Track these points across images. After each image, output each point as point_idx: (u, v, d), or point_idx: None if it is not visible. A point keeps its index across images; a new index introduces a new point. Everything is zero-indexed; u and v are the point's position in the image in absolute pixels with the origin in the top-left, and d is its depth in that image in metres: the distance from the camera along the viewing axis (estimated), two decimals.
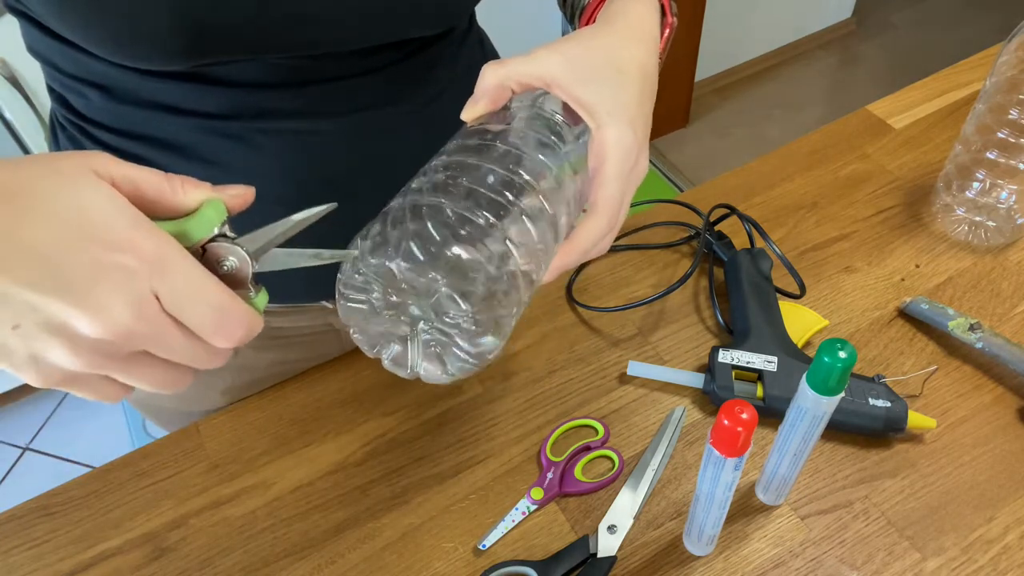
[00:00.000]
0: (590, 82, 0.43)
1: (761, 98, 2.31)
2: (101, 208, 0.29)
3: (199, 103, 0.50)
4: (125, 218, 0.29)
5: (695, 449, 0.62)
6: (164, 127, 0.51)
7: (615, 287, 0.74)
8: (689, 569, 0.56)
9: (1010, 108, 0.66)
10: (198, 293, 0.30)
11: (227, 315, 0.31)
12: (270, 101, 0.50)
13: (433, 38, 0.54)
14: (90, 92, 0.51)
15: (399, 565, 0.58)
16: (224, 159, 0.52)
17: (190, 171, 0.51)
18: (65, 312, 0.28)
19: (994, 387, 0.64)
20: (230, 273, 0.33)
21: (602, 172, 0.43)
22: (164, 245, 0.30)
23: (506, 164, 0.41)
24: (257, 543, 0.60)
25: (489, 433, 0.64)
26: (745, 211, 0.77)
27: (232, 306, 0.31)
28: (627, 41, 0.46)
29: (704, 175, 2.10)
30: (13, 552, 0.60)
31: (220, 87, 0.49)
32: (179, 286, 0.30)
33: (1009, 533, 0.56)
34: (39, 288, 0.28)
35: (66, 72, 0.51)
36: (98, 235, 0.28)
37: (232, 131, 0.51)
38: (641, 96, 0.45)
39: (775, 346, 0.64)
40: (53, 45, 0.49)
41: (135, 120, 0.51)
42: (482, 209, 0.37)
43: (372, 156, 0.55)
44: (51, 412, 1.75)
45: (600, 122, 0.43)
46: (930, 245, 0.75)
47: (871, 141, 0.85)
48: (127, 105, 0.51)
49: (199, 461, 0.65)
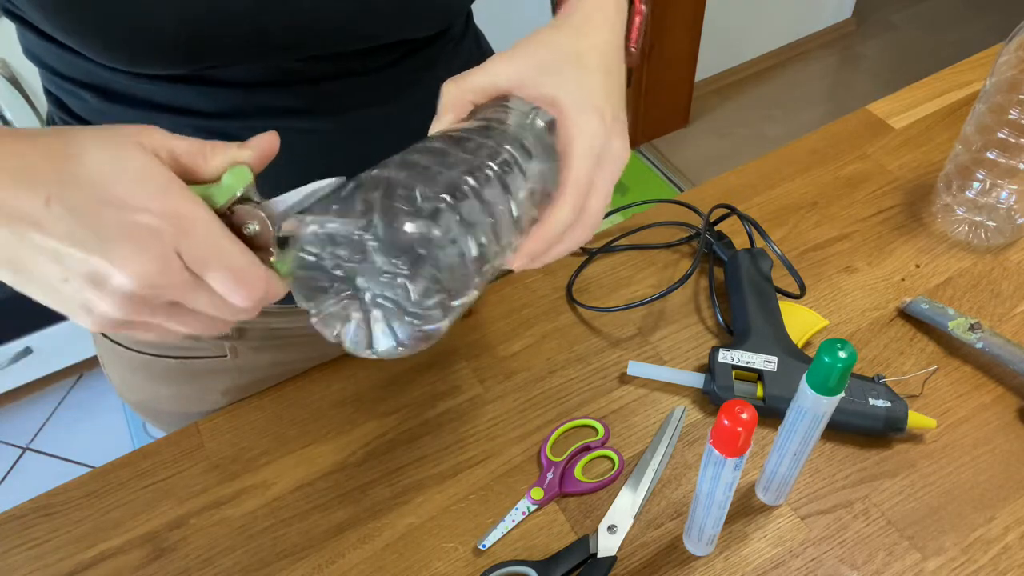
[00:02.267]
0: (550, 76, 0.43)
1: (761, 98, 2.31)
2: (135, 174, 0.32)
3: (196, 103, 0.50)
4: (155, 183, 0.32)
5: (695, 449, 0.62)
6: (161, 127, 0.51)
7: (615, 287, 0.74)
8: (689, 569, 0.56)
9: (1010, 108, 0.66)
10: (217, 253, 0.33)
11: (244, 276, 0.33)
12: (267, 100, 0.50)
13: (429, 38, 0.54)
14: (86, 94, 0.51)
15: (399, 565, 0.58)
16: None
17: None
18: (100, 266, 0.31)
19: (994, 387, 0.64)
20: (253, 236, 0.35)
21: (567, 155, 0.42)
22: (187, 207, 0.32)
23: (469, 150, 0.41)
24: (257, 543, 0.60)
25: (489, 433, 0.64)
26: (745, 211, 0.77)
27: (249, 268, 0.34)
28: (584, 31, 0.46)
29: (704, 175, 2.10)
30: (13, 552, 0.61)
31: (217, 87, 0.49)
32: (199, 246, 0.32)
33: (1009, 533, 0.56)
34: (79, 245, 0.31)
35: (62, 74, 0.51)
36: (128, 198, 0.32)
37: (229, 130, 0.51)
38: (606, 82, 0.44)
39: (775, 346, 0.64)
40: (48, 48, 0.49)
41: (132, 121, 0.51)
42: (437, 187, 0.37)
43: (370, 154, 0.55)
44: (51, 412, 1.75)
45: (563, 110, 0.42)
46: (930, 245, 0.75)
47: (871, 141, 0.85)
48: (123, 106, 0.51)
49: (199, 461, 0.65)
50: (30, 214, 0.31)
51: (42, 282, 0.33)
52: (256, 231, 0.35)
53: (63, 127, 0.36)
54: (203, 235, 0.33)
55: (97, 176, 0.32)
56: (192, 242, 0.32)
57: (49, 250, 0.32)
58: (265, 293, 0.34)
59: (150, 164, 0.33)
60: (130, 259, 0.31)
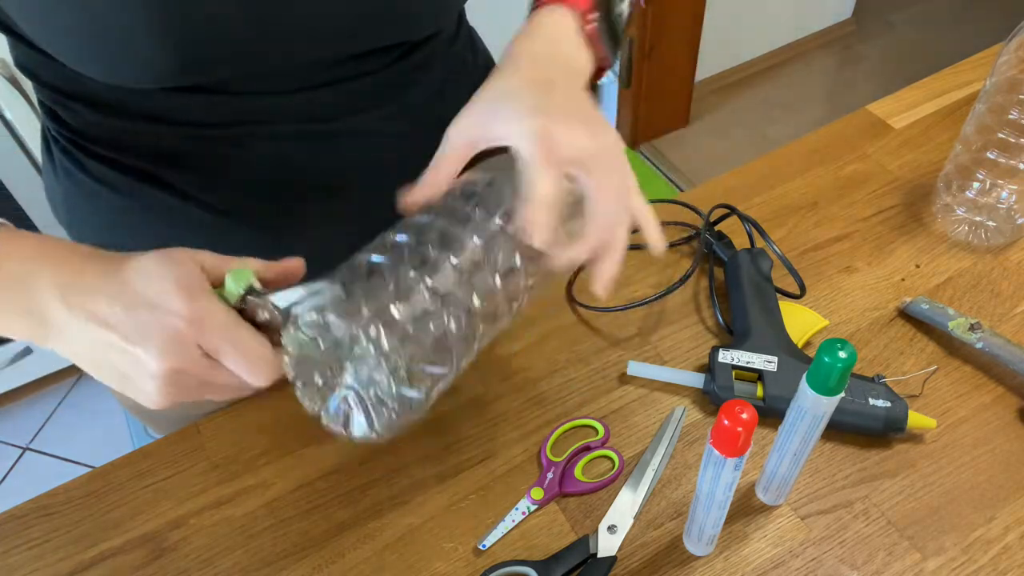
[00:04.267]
0: (495, 121, 0.45)
1: (761, 98, 2.31)
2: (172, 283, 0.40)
3: (190, 113, 0.50)
4: (182, 291, 0.40)
5: (695, 449, 0.62)
6: (156, 137, 0.51)
7: (615, 287, 0.74)
8: (689, 569, 0.56)
9: (1010, 108, 0.66)
10: (229, 343, 0.40)
11: (255, 361, 0.40)
12: (262, 107, 0.50)
13: (422, 40, 0.54)
14: (80, 107, 0.51)
15: (399, 565, 0.58)
16: (217, 164, 0.52)
17: (183, 177, 0.51)
18: (142, 357, 0.39)
19: (994, 387, 0.64)
20: (265, 322, 0.41)
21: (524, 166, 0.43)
22: (207, 308, 0.40)
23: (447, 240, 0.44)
24: (257, 543, 0.60)
25: (489, 433, 0.64)
26: (745, 211, 0.77)
27: (259, 354, 0.40)
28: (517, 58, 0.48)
29: (704, 175, 2.09)
30: (13, 552, 0.61)
31: (211, 96, 0.49)
32: (214, 339, 0.39)
33: (1009, 533, 0.56)
34: (127, 340, 0.39)
35: (55, 88, 0.51)
36: (164, 303, 0.39)
37: (224, 137, 0.51)
38: (534, 81, 0.45)
39: (775, 346, 0.64)
40: (41, 62, 0.49)
41: (126, 132, 0.51)
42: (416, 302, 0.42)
43: (365, 156, 0.55)
44: (51, 412, 1.75)
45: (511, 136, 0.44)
46: (930, 245, 0.75)
47: (871, 141, 0.85)
48: (118, 118, 0.51)
49: (199, 461, 0.65)
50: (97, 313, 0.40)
51: (110, 369, 0.41)
52: (267, 318, 0.41)
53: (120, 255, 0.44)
54: (218, 330, 0.39)
55: (138, 283, 0.40)
56: (209, 336, 0.39)
57: (116, 345, 0.40)
58: (273, 369, 0.41)
59: (179, 276, 0.40)
60: (159, 353, 0.39)
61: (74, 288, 0.41)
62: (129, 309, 0.40)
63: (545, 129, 0.42)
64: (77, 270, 0.41)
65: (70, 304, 0.40)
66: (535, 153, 0.42)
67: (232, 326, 0.40)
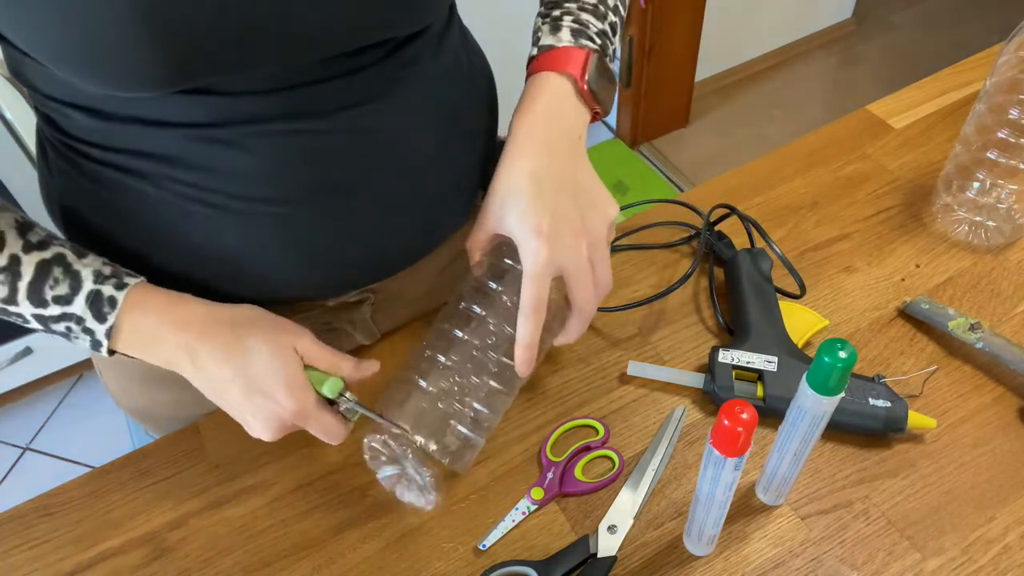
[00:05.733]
0: (503, 221, 0.55)
1: (761, 98, 2.31)
2: (277, 382, 0.52)
3: (185, 115, 0.50)
4: (289, 391, 0.52)
5: (695, 449, 0.62)
6: (152, 140, 0.51)
7: (615, 287, 0.74)
8: (689, 569, 0.56)
9: (1010, 108, 0.66)
10: (318, 426, 0.54)
11: (334, 436, 0.55)
12: (256, 106, 0.51)
13: (412, 35, 0.55)
14: (74, 113, 0.51)
15: (399, 565, 0.58)
16: (213, 164, 0.52)
17: (180, 178, 0.52)
18: (250, 421, 0.54)
19: (994, 387, 0.64)
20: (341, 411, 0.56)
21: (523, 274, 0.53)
22: (303, 403, 0.53)
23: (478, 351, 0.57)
24: (257, 543, 0.60)
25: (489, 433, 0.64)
26: (745, 211, 0.77)
27: (337, 431, 0.55)
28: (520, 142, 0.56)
29: (704, 175, 2.09)
30: (13, 552, 0.61)
31: (205, 97, 0.49)
32: (308, 424, 0.54)
33: (1009, 533, 0.56)
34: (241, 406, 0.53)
35: (48, 95, 0.51)
36: (272, 392, 0.52)
37: (220, 137, 0.51)
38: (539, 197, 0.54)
39: (775, 346, 0.64)
40: (35, 68, 0.50)
41: (122, 136, 0.52)
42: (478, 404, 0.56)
43: (361, 152, 0.55)
44: (51, 412, 1.75)
45: (515, 237, 0.54)
46: (930, 245, 0.75)
47: (871, 141, 0.85)
48: (113, 123, 0.51)
49: (199, 461, 0.65)
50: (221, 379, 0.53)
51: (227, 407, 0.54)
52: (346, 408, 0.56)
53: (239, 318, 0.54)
54: (311, 419, 0.54)
55: (251, 366, 0.52)
56: (304, 422, 0.54)
57: (234, 405, 0.54)
58: (343, 438, 0.56)
59: (285, 366, 0.52)
60: (265, 426, 0.53)
61: (199, 354, 0.52)
62: (246, 392, 0.52)
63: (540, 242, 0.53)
64: (197, 334, 0.52)
65: (197, 367, 0.52)
66: (529, 272, 0.53)
67: (321, 416, 0.54)
